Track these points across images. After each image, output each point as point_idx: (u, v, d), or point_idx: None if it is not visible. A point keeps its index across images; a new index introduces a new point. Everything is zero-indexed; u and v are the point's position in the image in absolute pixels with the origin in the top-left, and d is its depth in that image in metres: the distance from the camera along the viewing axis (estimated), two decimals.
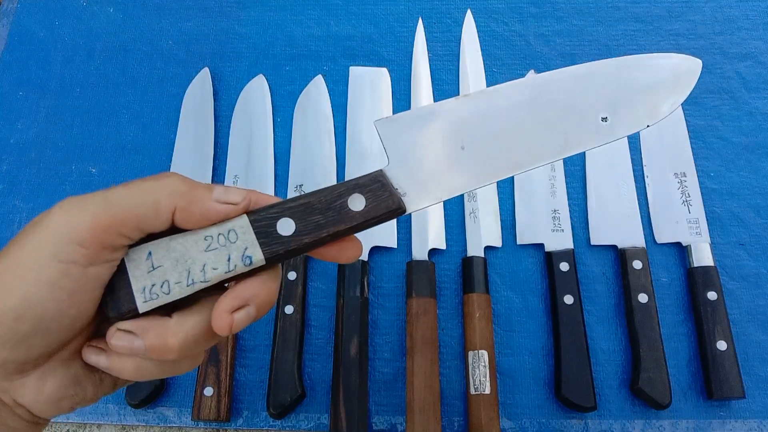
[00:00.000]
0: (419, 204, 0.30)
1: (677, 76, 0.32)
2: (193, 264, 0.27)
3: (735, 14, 0.67)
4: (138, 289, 0.26)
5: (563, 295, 0.53)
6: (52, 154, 0.63)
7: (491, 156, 0.31)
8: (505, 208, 0.59)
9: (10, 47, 0.69)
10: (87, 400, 0.28)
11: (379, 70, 0.65)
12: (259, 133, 0.62)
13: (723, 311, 0.52)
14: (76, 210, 0.25)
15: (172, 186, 0.26)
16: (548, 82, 0.32)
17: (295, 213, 0.28)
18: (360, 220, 0.28)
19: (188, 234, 0.27)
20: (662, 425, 0.51)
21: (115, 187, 0.26)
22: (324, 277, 0.57)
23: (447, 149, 0.31)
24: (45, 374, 0.26)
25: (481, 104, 0.32)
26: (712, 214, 0.58)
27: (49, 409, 0.26)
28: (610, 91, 0.32)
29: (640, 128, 0.32)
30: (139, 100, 0.65)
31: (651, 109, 0.32)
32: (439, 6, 0.69)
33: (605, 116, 0.32)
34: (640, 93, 0.32)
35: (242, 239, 0.27)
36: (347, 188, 0.29)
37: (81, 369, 0.27)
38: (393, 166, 0.30)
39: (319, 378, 0.53)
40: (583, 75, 0.32)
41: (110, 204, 0.25)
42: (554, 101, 0.32)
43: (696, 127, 0.62)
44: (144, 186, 0.26)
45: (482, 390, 0.49)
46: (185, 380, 0.53)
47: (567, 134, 0.31)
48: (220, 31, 0.68)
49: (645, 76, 0.32)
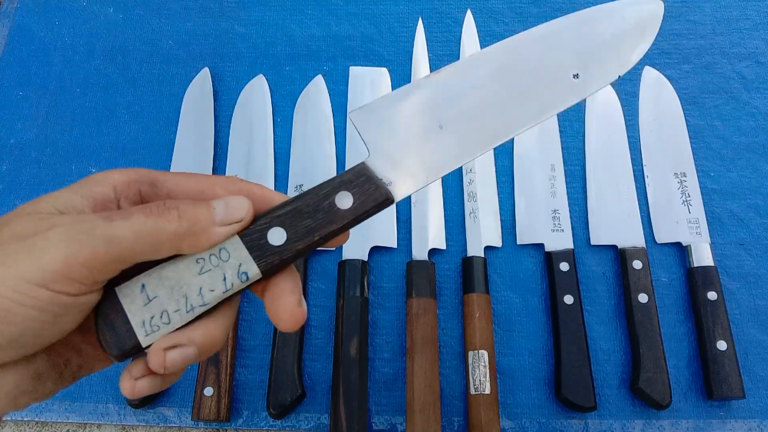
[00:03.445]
0: (407, 191, 0.29)
1: (641, 22, 0.32)
2: (189, 289, 0.26)
3: (735, 14, 0.67)
4: (137, 323, 0.25)
5: (563, 295, 0.53)
6: (52, 154, 0.63)
7: (470, 131, 0.30)
8: (505, 208, 0.59)
9: (10, 47, 0.69)
10: (44, 396, 0.27)
11: (379, 70, 0.65)
12: (259, 133, 0.62)
13: (723, 311, 0.52)
14: (75, 242, 0.23)
15: (173, 228, 0.25)
16: (515, 47, 0.32)
17: (285, 221, 0.27)
18: (350, 217, 0.28)
19: (179, 260, 0.26)
20: (662, 425, 0.51)
21: (115, 218, 0.25)
22: (324, 277, 0.57)
23: (425, 131, 0.30)
24: (5, 371, 0.25)
25: (453, 80, 0.31)
26: (712, 214, 0.58)
27: (3, 406, 0.25)
28: (577, 48, 0.32)
29: (612, 80, 0.32)
30: (139, 100, 0.65)
31: (620, 59, 0.32)
32: (439, 6, 0.69)
33: (576, 73, 0.31)
34: (607, 45, 0.32)
35: (235, 256, 0.26)
36: (333, 187, 0.28)
37: (43, 364, 0.26)
38: (374, 156, 0.29)
39: (319, 378, 0.53)
40: (548, 35, 0.32)
41: (112, 243, 0.24)
42: (524, 66, 0.31)
43: (696, 127, 0.62)
44: (146, 227, 0.25)
45: (482, 390, 0.49)
46: (185, 380, 0.53)
47: (542, 97, 0.31)
48: (220, 31, 0.68)
49: (609, 27, 0.32)
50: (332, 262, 0.57)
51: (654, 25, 0.32)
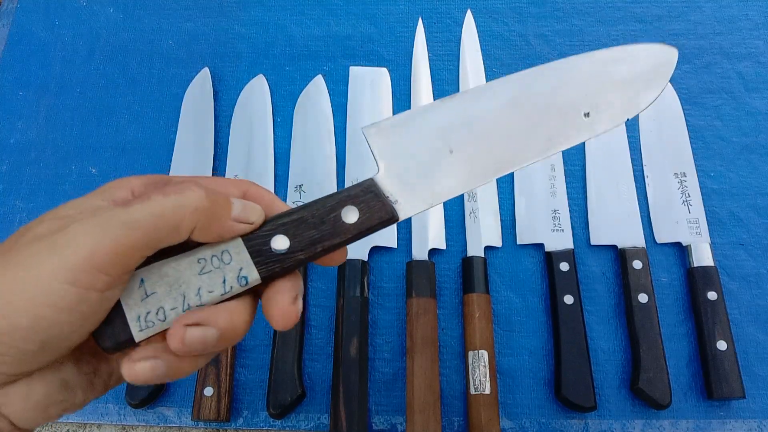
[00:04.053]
0: (411, 211, 0.29)
1: (654, 68, 0.32)
2: (187, 288, 0.26)
3: (735, 14, 0.67)
4: (132, 318, 0.25)
5: (563, 295, 0.53)
6: (52, 154, 0.63)
7: (480, 158, 0.31)
8: (505, 208, 0.59)
9: (10, 47, 0.69)
10: (75, 406, 0.27)
11: (379, 70, 0.65)
12: (259, 133, 0.62)
13: (723, 311, 0.52)
14: (97, 233, 0.23)
15: (195, 203, 0.25)
16: (529, 80, 0.32)
17: (289, 229, 0.27)
18: (354, 232, 0.28)
19: (181, 257, 0.26)
20: (662, 425, 0.51)
21: (134, 203, 0.24)
22: (324, 277, 0.57)
23: (436, 154, 0.31)
24: (33, 380, 0.25)
25: (467, 106, 0.32)
26: (712, 214, 0.58)
27: (35, 417, 0.25)
28: (590, 87, 0.32)
29: (621, 122, 0.32)
30: (139, 100, 0.65)
31: (631, 102, 0.32)
32: (439, 6, 0.69)
33: (587, 112, 0.32)
34: (619, 87, 0.32)
35: (236, 260, 0.27)
36: (340, 200, 0.28)
37: (72, 373, 0.26)
38: (383, 174, 0.30)
39: (319, 378, 0.53)
40: (563, 72, 0.32)
41: (132, 228, 0.24)
42: (537, 100, 0.32)
43: (696, 127, 0.62)
44: (167, 205, 0.25)
45: (482, 390, 0.49)
46: (185, 380, 0.53)
47: (551, 133, 0.31)
48: (220, 31, 0.68)
49: (623, 70, 0.32)
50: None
51: (667, 71, 0.32)
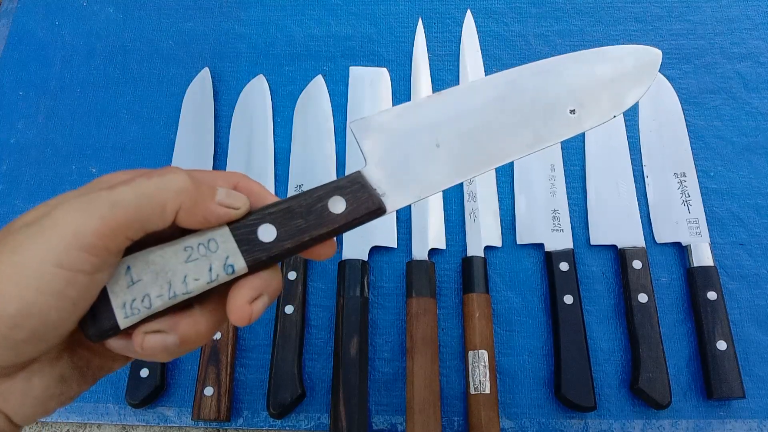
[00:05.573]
0: (399, 203, 0.30)
1: (638, 68, 0.33)
2: (173, 276, 0.26)
3: (735, 14, 0.67)
4: (118, 305, 0.25)
5: (563, 295, 0.53)
6: (52, 154, 0.63)
7: (466, 153, 0.31)
8: (505, 208, 0.59)
9: (10, 47, 0.69)
10: (70, 398, 0.27)
11: (379, 70, 0.65)
12: (259, 133, 0.62)
13: (723, 311, 0.52)
14: (81, 213, 0.23)
15: (179, 185, 0.25)
16: (516, 77, 0.33)
17: (276, 218, 0.28)
18: (341, 222, 0.28)
19: (167, 245, 0.26)
20: (662, 425, 0.51)
21: (118, 185, 0.25)
22: (324, 277, 0.57)
23: (423, 147, 0.31)
24: (31, 375, 0.25)
25: (454, 102, 0.32)
26: (712, 214, 0.58)
27: (34, 412, 0.25)
28: (575, 85, 0.33)
29: (607, 119, 0.33)
30: (139, 100, 0.65)
31: (616, 100, 0.33)
32: (439, 6, 0.69)
33: (573, 109, 0.32)
34: (605, 85, 0.33)
35: (223, 248, 0.27)
36: (327, 191, 0.29)
37: (68, 367, 0.26)
38: (371, 166, 0.30)
39: (319, 378, 0.53)
40: (549, 70, 0.33)
41: (117, 207, 0.24)
42: (524, 96, 0.33)
43: (696, 127, 0.62)
44: (150, 186, 0.25)
45: (482, 390, 0.49)
46: (185, 380, 0.53)
47: (538, 128, 0.32)
48: (220, 31, 0.68)
49: (608, 69, 0.33)
50: (332, 262, 0.57)
51: (651, 72, 0.34)
